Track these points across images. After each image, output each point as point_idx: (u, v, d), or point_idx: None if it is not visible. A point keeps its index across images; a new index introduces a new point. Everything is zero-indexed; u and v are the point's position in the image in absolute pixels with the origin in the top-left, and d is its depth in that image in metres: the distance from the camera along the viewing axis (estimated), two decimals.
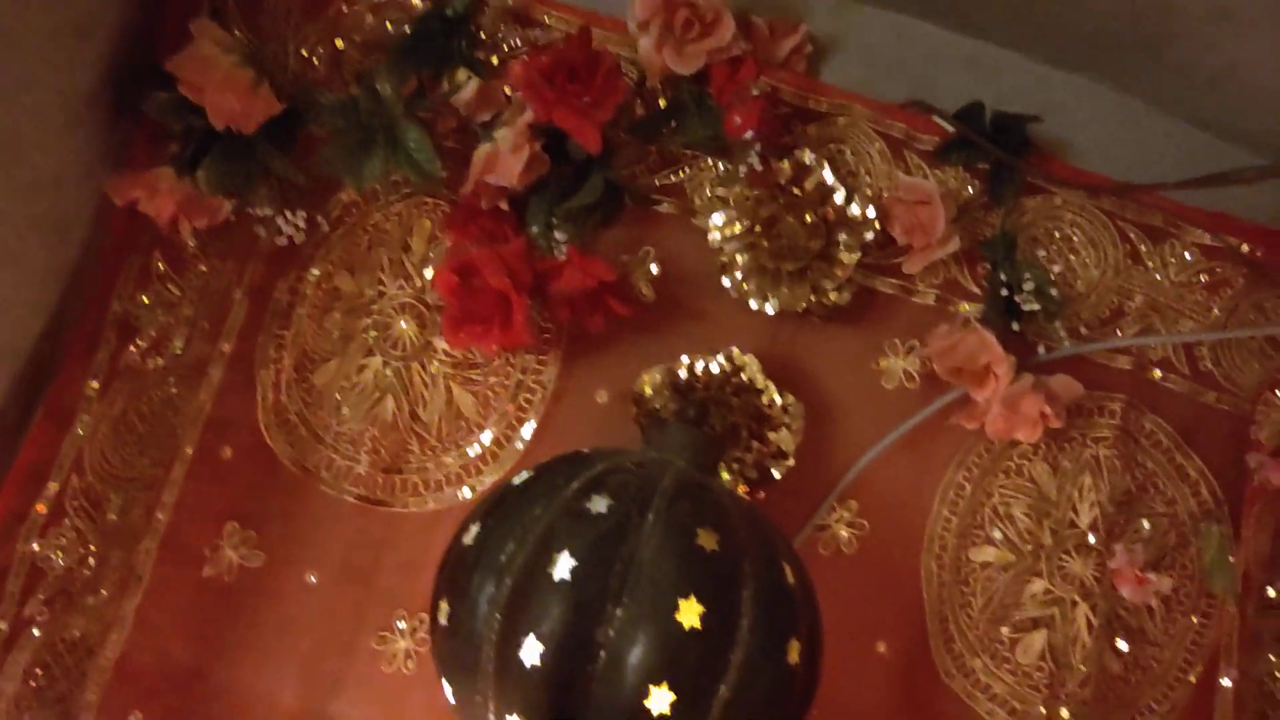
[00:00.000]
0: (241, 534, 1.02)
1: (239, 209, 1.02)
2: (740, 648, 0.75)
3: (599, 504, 0.78)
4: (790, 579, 0.80)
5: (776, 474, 1.01)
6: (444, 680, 0.80)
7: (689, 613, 0.74)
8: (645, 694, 0.72)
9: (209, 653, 1.00)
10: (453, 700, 0.80)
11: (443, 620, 0.80)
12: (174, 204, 0.97)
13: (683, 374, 1.01)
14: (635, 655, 0.73)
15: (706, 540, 0.76)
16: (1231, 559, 0.99)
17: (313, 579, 1.01)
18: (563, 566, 0.75)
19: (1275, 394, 1.03)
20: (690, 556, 0.76)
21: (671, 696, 0.72)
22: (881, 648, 1.03)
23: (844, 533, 1.04)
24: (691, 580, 0.74)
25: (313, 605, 1.01)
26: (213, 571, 1.01)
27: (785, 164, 1.02)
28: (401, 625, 1.02)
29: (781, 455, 1.01)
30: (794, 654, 0.77)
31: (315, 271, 1.04)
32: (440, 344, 1.04)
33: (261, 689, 1.00)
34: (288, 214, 1.01)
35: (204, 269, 1.03)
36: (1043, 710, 1.01)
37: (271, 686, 1.00)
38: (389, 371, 1.04)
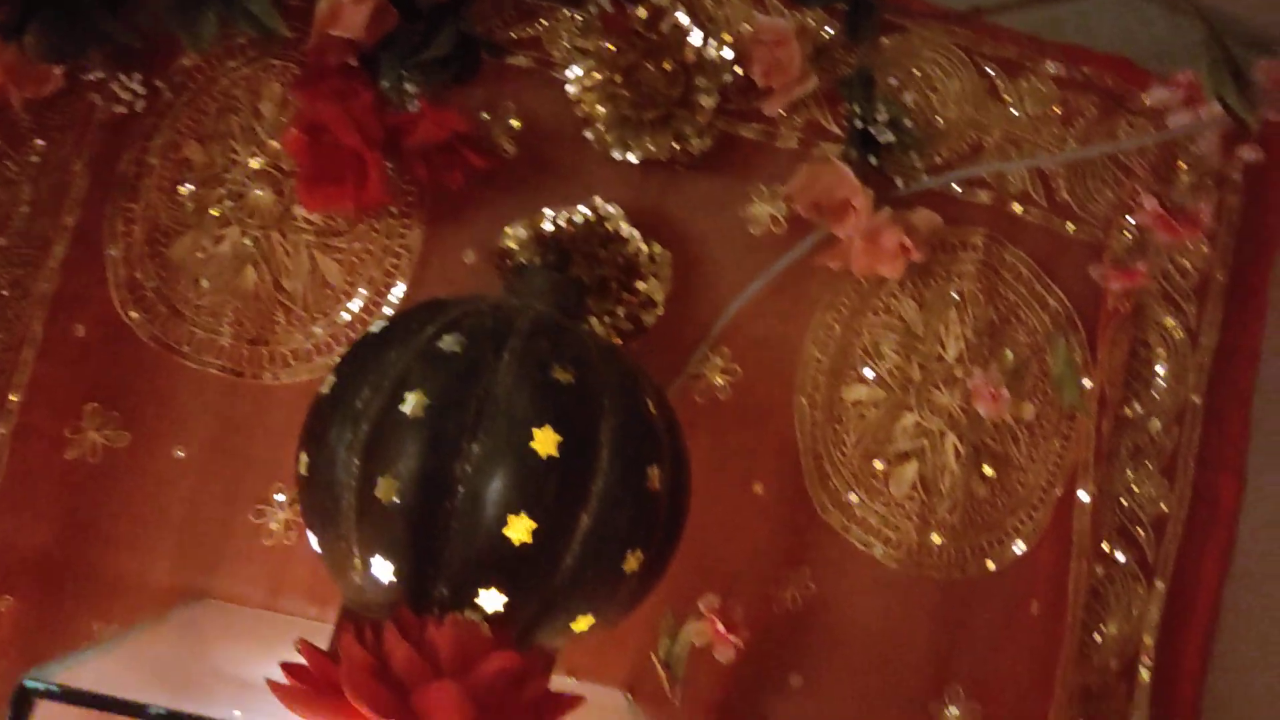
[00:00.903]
0: (103, 415, 0.99)
1: (72, 76, 0.97)
2: (600, 477, 0.76)
3: (453, 344, 0.77)
4: (652, 410, 0.80)
5: (647, 322, 1.01)
6: (309, 532, 0.80)
7: (545, 442, 0.74)
8: (504, 524, 0.73)
9: (80, 536, 0.98)
10: (319, 549, 0.79)
11: (304, 472, 0.79)
12: (1, 74, 0.92)
13: (547, 227, 1.00)
14: (493, 487, 0.73)
15: (562, 375, 0.76)
16: (1081, 374, 1.02)
17: (182, 455, 0.99)
18: (417, 406, 0.74)
19: (1126, 219, 1.05)
20: (546, 390, 0.76)
21: (531, 524, 0.73)
22: (758, 488, 1.05)
23: (718, 380, 1.05)
24: (547, 412, 0.75)
25: (185, 482, 1.00)
26: (76, 454, 0.98)
27: (640, 9, 1.00)
28: (280, 498, 1.01)
29: (651, 304, 1.01)
30: (655, 481, 0.78)
31: (159, 141, 1.00)
32: (300, 212, 1.02)
33: (137, 569, 0.98)
34: (123, 78, 0.97)
35: (41, 143, 0.98)
36: (915, 536, 1.04)
37: (148, 565, 0.99)
38: (248, 241, 1.01)
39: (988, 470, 1.06)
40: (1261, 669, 0.98)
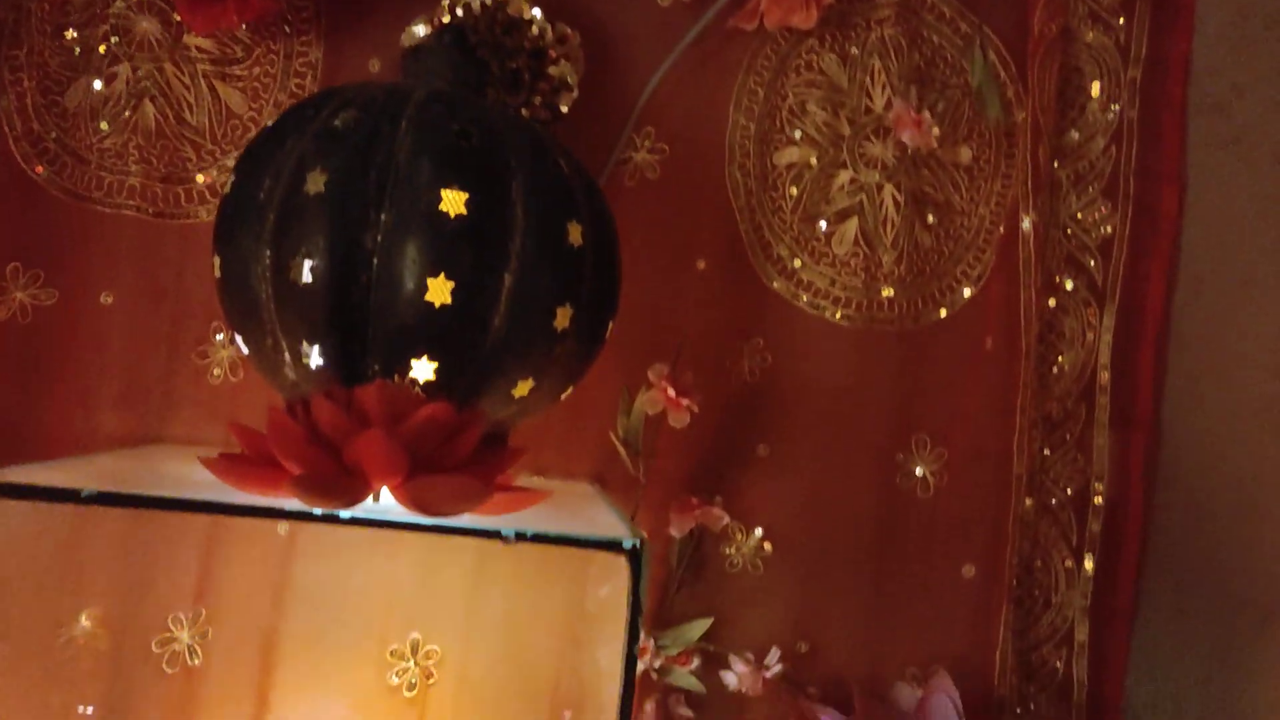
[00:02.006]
0: (26, 273, 0.97)
1: None
2: (517, 234, 0.74)
3: (348, 120, 0.75)
4: (564, 168, 0.78)
5: (564, 107, 0.98)
6: (236, 336, 0.79)
7: (453, 202, 0.72)
8: (424, 289, 0.71)
9: (22, 397, 0.97)
10: (247, 351, 0.78)
11: (219, 274, 0.78)
12: None
13: (445, 18, 0.97)
14: (407, 254, 0.71)
15: (463, 135, 0.74)
16: (1003, 85, 1.00)
17: (110, 301, 0.98)
18: (318, 183, 0.72)
19: None
20: (448, 151, 0.73)
21: (450, 284, 0.71)
22: (701, 264, 1.04)
23: (646, 159, 1.03)
24: (451, 172, 0.73)
25: (120, 330, 0.98)
26: (5, 315, 0.97)
27: None
28: (219, 337, 1.00)
29: (566, 88, 0.99)
30: (575, 236, 0.77)
31: None
32: (192, 40, 0.98)
33: (86, 422, 0.98)
34: None
35: None
36: (864, 293, 1.03)
37: (96, 417, 0.98)
38: (140, 75, 0.97)
39: (930, 218, 1.05)
40: (1212, 376, 0.98)
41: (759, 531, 1.04)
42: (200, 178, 0.99)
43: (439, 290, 0.72)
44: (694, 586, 1.03)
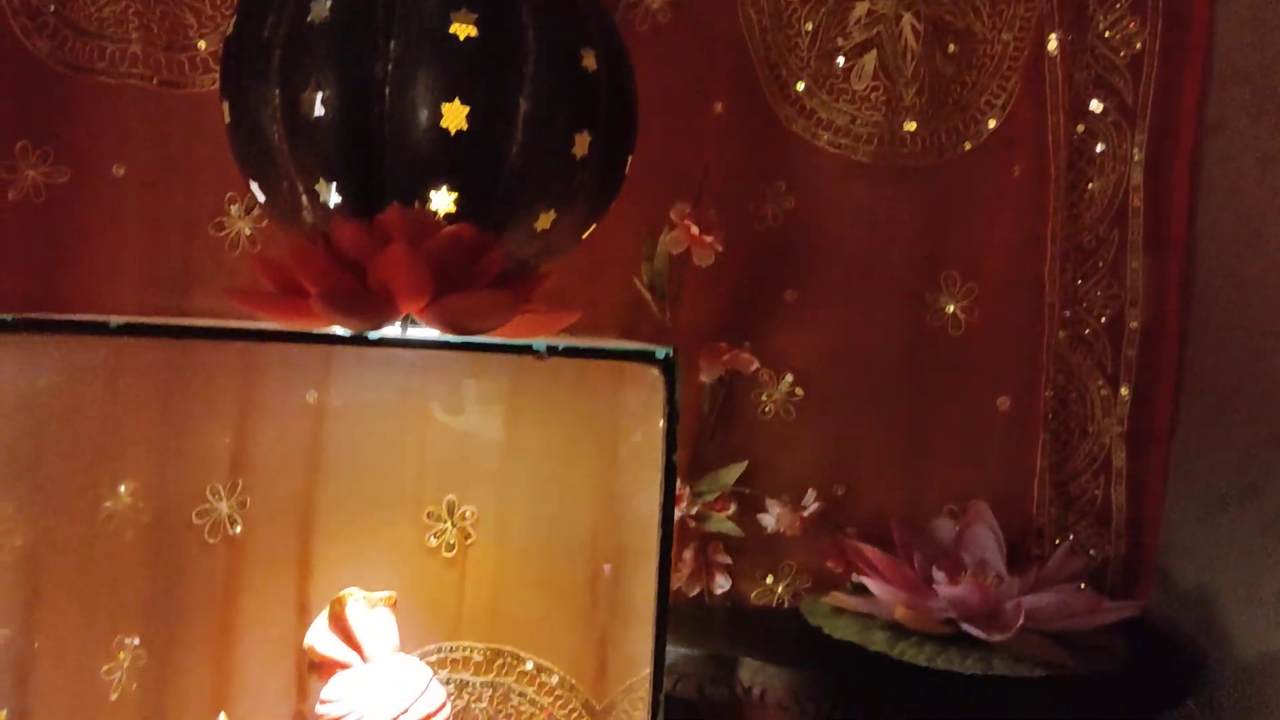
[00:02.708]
0: (36, 152, 0.96)
1: None
2: (530, 58, 0.72)
3: None
4: None
5: None
6: (251, 184, 0.78)
7: (464, 25, 0.70)
8: (438, 115, 0.70)
9: (43, 276, 0.96)
10: (263, 198, 0.77)
11: (229, 120, 0.76)
12: None
13: None
14: (419, 80, 0.70)
15: None
16: None
17: (123, 173, 0.96)
18: (322, 11, 0.70)
19: None
20: None
21: (464, 109, 0.70)
22: (718, 107, 1.02)
23: (657, 3, 1.00)
24: None
25: (137, 205, 0.97)
26: (18, 195, 0.96)
27: None
28: (234, 209, 0.98)
29: None
30: (589, 61, 0.74)
31: None
32: None
33: (107, 300, 0.97)
34: None
35: None
36: (886, 127, 1.01)
37: (117, 295, 0.97)
38: None
39: (951, 47, 1.02)
40: (1252, 181, 0.95)
41: (789, 377, 1.03)
42: (202, 44, 0.97)
43: (454, 116, 0.70)
44: (727, 434, 1.03)
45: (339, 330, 0.63)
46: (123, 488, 0.97)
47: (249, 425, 1.01)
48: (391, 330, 0.65)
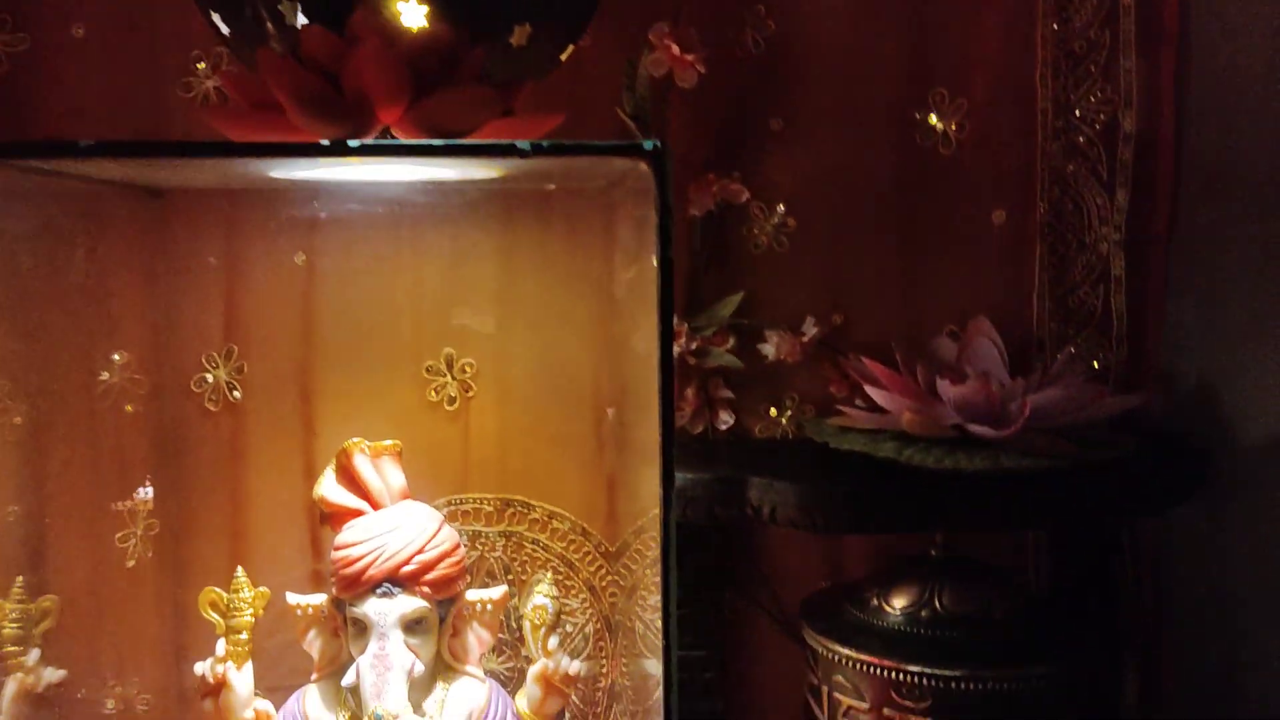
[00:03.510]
0: None
1: None
2: None
3: None
4: None
5: None
6: (211, 14, 0.75)
7: None
8: None
9: None
10: (226, 30, 0.74)
11: None
12: None
13: None
14: None
15: None
16: None
17: (82, 33, 0.94)
18: None
19: None
20: None
21: None
22: None
23: None
24: None
25: (100, 66, 0.95)
26: None
27: None
28: (201, 67, 0.96)
29: None
30: None
31: None
32: None
33: None
34: None
35: None
36: None
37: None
38: None
39: None
40: None
41: (781, 208, 1.02)
42: None
43: None
44: (721, 270, 1.02)
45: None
46: (116, 357, 0.96)
47: (238, 290, 1.00)
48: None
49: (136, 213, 0.97)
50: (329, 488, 0.90)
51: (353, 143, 0.61)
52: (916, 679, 0.80)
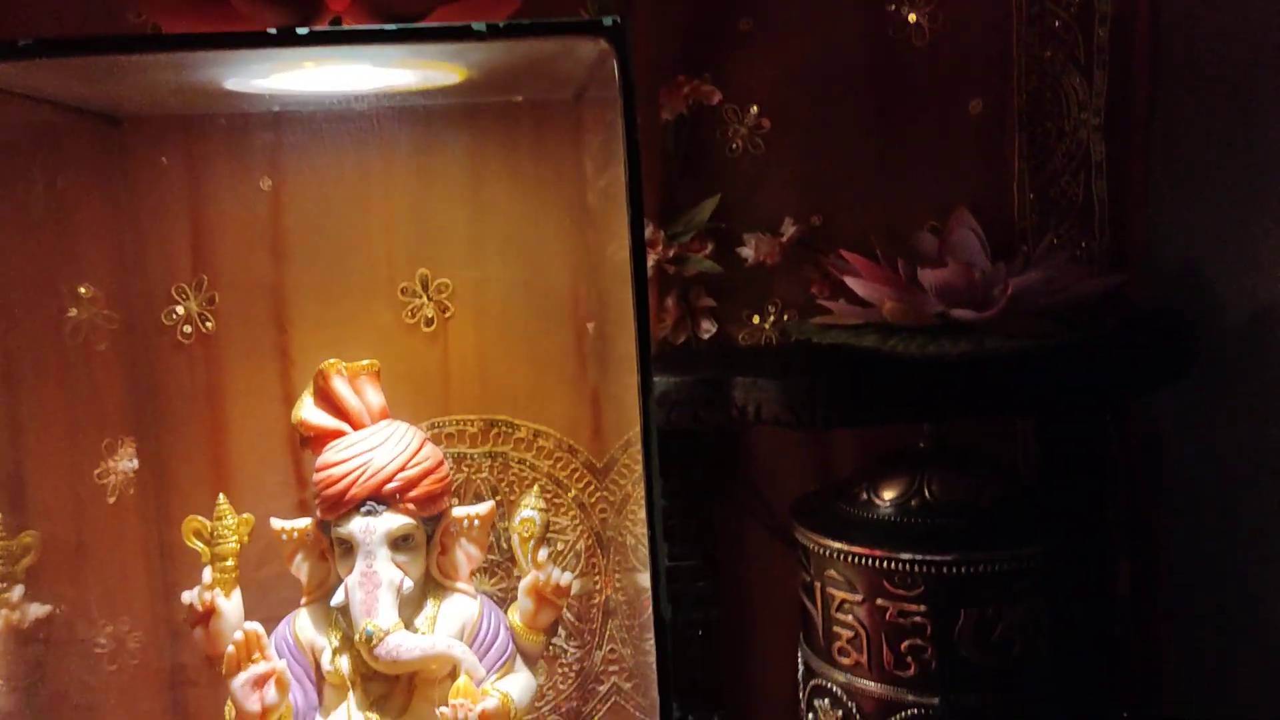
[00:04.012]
0: None
1: None
2: None
3: None
4: None
5: None
6: None
7: None
8: None
9: None
10: None
11: None
12: None
13: None
14: None
15: None
16: None
17: None
18: None
19: None
20: None
21: None
22: None
23: None
24: None
25: None
26: None
27: None
28: None
29: None
30: None
31: None
32: None
33: None
34: None
35: None
36: None
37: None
38: None
39: None
40: None
41: (754, 109, 1.00)
42: None
43: None
44: (696, 176, 1.00)
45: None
46: (83, 290, 0.94)
47: (205, 219, 0.98)
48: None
49: (95, 142, 0.95)
50: (308, 411, 0.89)
51: (301, 30, 0.58)
52: (908, 566, 0.79)
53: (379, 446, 0.86)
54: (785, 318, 1.02)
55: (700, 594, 0.99)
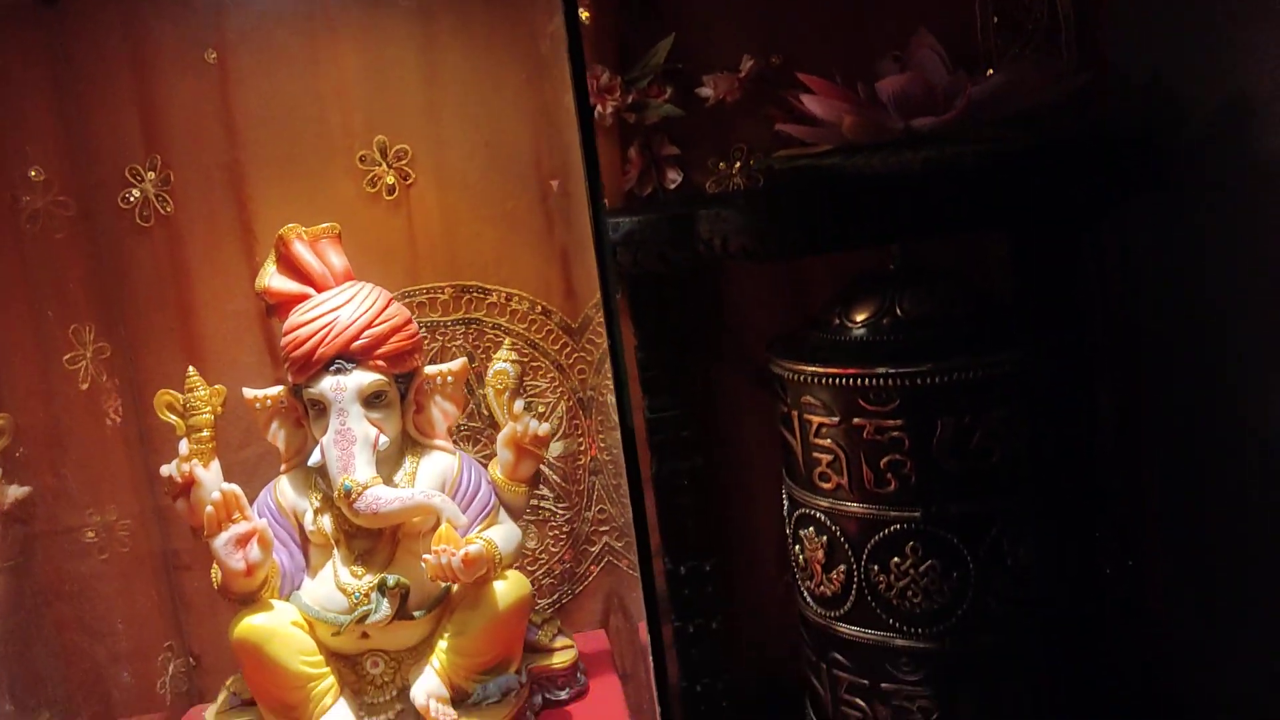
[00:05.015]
0: None
1: None
2: None
3: None
4: None
5: None
6: None
7: None
8: None
9: None
10: None
11: None
12: None
13: None
14: None
15: None
16: None
17: None
18: None
19: None
20: None
21: None
22: None
23: None
24: None
25: None
26: None
27: None
28: None
29: None
30: None
31: None
32: None
33: None
34: None
35: None
36: None
37: None
38: None
39: None
40: None
41: None
42: None
43: None
44: (648, 23, 0.97)
45: None
46: (33, 173, 0.92)
47: (151, 97, 0.96)
48: None
49: (32, 24, 0.93)
50: (271, 278, 0.88)
51: None
52: (883, 381, 0.78)
53: (344, 305, 0.85)
54: (751, 163, 1.00)
55: (684, 443, 0.98)
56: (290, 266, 0.88)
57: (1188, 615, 0.91)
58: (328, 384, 0.83)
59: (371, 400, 0.84)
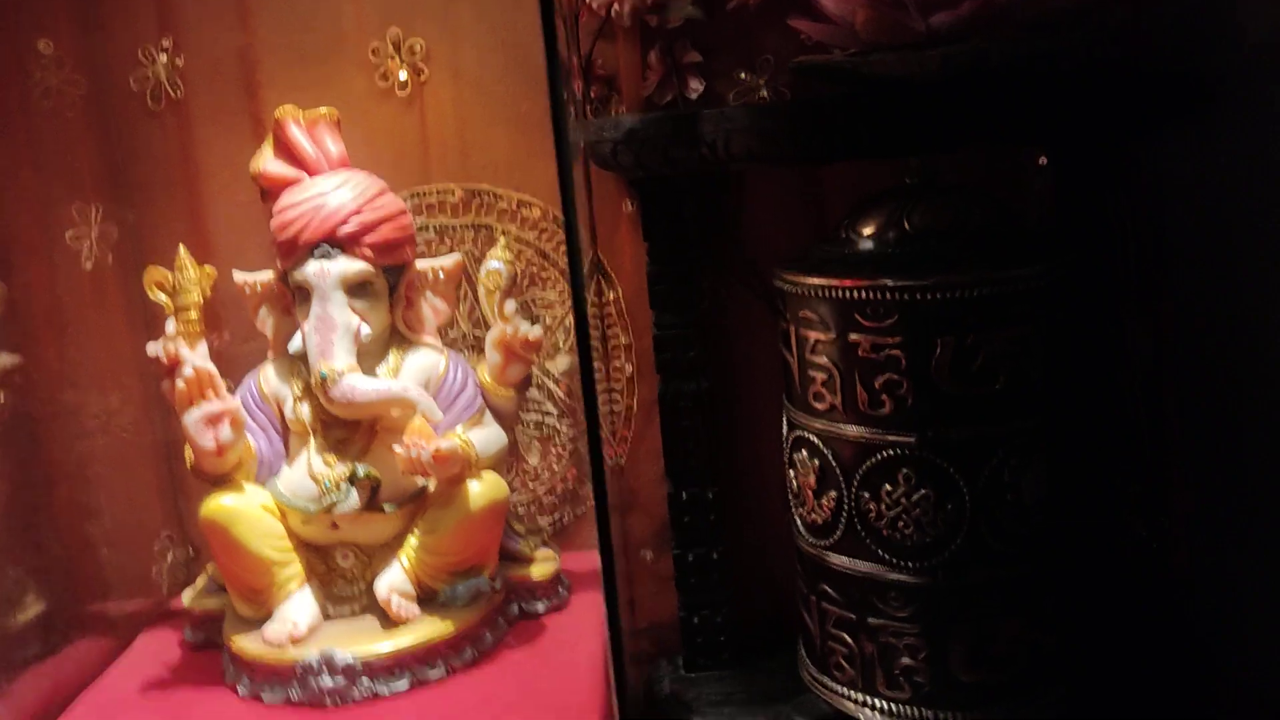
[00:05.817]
0: None
1: None
2: None
3: None
4: None
5: None
6: None
7: None
8: None
9: None
10: None
11: None
12: None
13: None
14: None
15: None
16: None
17: None
18: None
19: None
20: None
21: None
22: None
23: None
24: None
25: None
26: None
27: None
28: None
29: None
30: None
31: None
32: None
33: None
34: None
35: None
36: None
37: None
38: None
39: None
40: None
41: None
42: None
43: None
44: None
45: None
46: (42, 45, 0.92)
47: None
48: None
49: None
50: (266, 161, 0.87)
51: None
52: (881, 294, 0.73)
53: (334, 190, 0.83)
54: (779, 78, 0.94)
55: (690, 363, 0.94)
56: (285, 150, 0.86)
57: (1214, 570, 0.85)
58: (312, 269, 0.81)
59: (356, 289, 0.82)
